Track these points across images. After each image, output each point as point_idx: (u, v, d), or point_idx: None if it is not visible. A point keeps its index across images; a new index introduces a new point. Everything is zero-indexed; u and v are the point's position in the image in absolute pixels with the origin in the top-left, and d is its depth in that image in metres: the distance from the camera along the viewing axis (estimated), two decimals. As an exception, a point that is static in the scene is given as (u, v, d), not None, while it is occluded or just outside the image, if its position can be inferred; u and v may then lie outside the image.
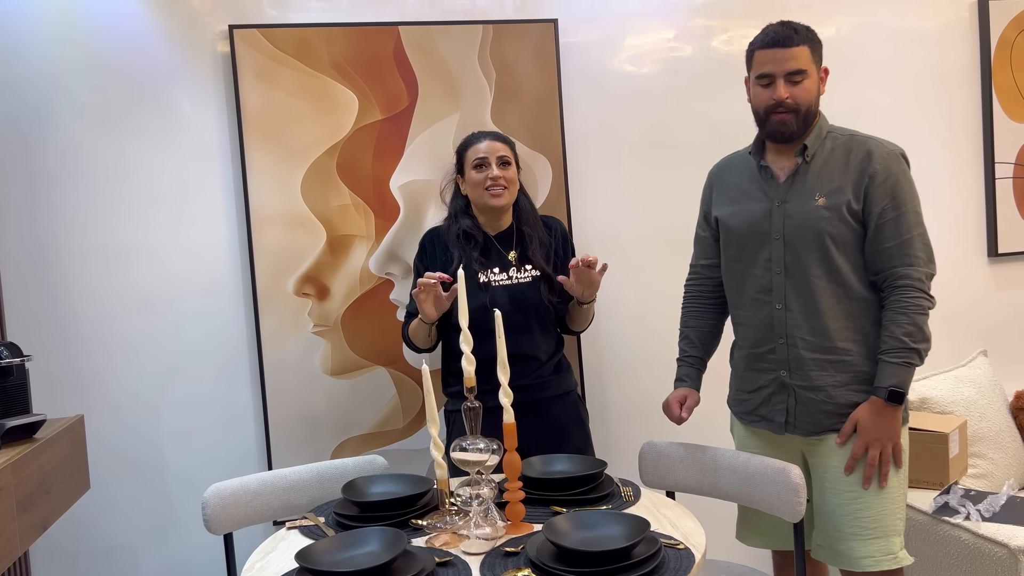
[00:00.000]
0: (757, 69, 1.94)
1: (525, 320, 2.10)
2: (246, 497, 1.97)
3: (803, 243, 1.89)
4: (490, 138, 2.13)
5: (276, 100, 2.34)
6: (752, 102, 1.97)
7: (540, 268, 2.13)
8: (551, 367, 2.16)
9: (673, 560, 1.46)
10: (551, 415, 2.14)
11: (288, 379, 2.38)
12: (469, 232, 2.12)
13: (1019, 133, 2.85)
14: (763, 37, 1.95)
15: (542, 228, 2.20)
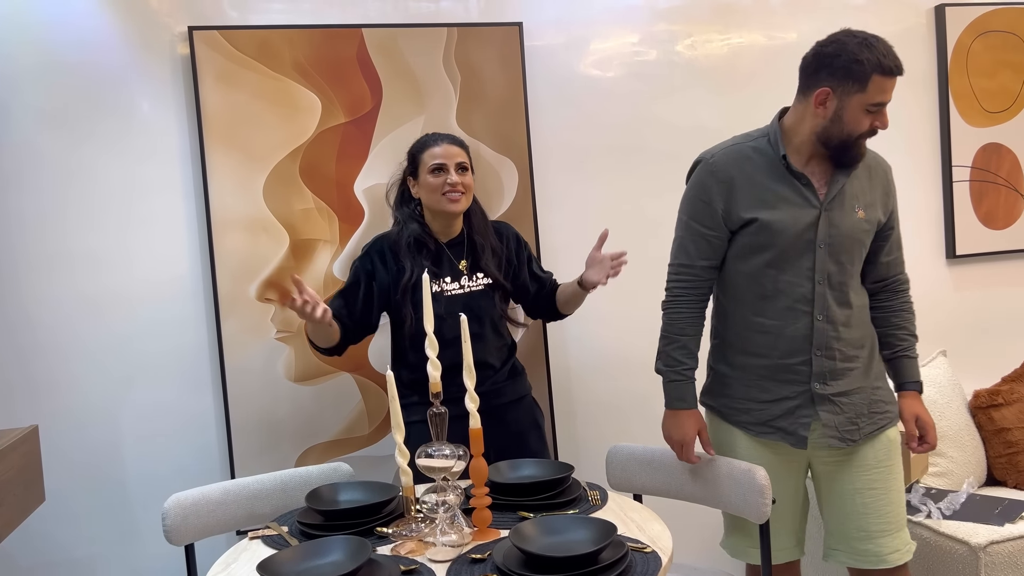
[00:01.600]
0: (873, 96, 1.81)
1: (479, 328, 2.07)
2: (208, 507, 1.93)
3: (846, 254, 1.91)
4: (447, 141, 2.09)
5: (237, 103, 2.31)
6: (845, 125, 1.84)
7: (492, 276, 2.11)
8: (505, 373, 2.14)
9: (640, 564, 1.46)
10: (507, 420, 2.12)
11: (251, 386, 2.34)
12: (421, 240, 2.07)
13: (975, 137, 2.91)
14: (886, 62, 1.80)
15: (494, 235, 2.17)
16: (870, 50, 1.80)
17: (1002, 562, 1.95)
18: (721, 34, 2.72)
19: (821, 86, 1.85)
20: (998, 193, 2.94)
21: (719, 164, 1.93)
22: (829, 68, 1.84)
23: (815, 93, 1.86)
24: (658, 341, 2.00)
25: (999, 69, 2.91)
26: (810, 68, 1.89)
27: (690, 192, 1.97)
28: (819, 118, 1.87)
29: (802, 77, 1.93)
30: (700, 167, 1.97)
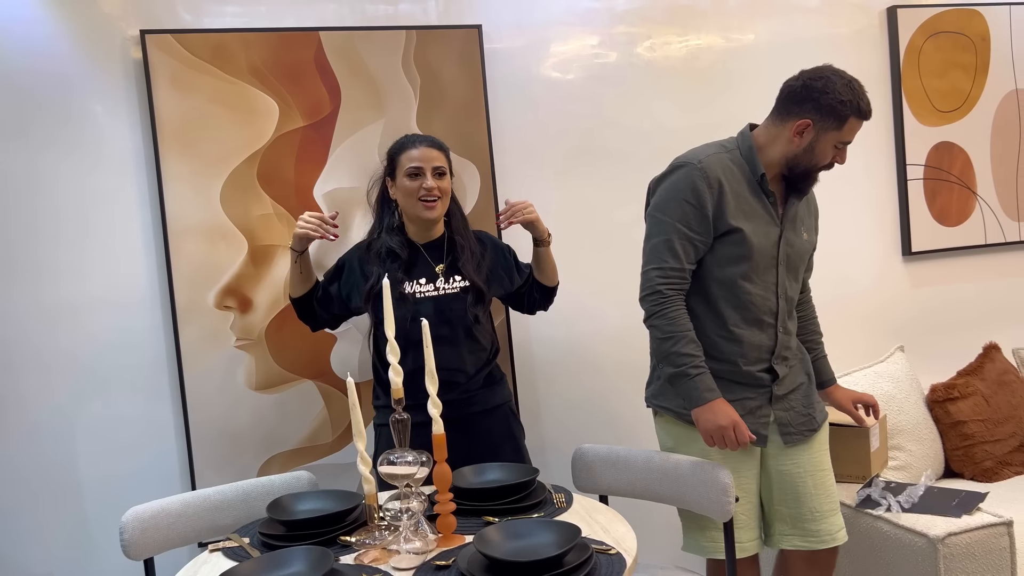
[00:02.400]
0: (846, 135, 1.95)
1: (451, 332, 2.05)
2: (167, 520, 1.89)
3: (795, 272, 2.06)
4: (426, 144, 2.06)
5: (192, 107, 2.27)
6: (815, 156, 1.95)
7: (470, 279, 2.07)
8: (479, 381, 2.10)
9: (605, 566, 1.46)
10: (479, 430, 2.08)
11: (211, 395, 2.31)
12: (392, 249, 2.05)
13: (928, 136, 2.96)
14: (863, 106, 1.94)
15: (473, 239, 2.15)
16: (853, 93, 1.92)
17: (960, 553, 1.99)
18: (679, 36, 2.74)
19: (804, 117, 1.94)
20: (951, 191, 3.00)
21: (709, 168, 1.94)
22: (815, 103, 1.92)
23: (796, 123, 1.94)
24: (655, 352, 1.99)
25: (950, 69, 2.97)
26: (797, 97, 1.95)
27: (678, 195, 1.94)
28: (793, 145, 1.96)
29: (785, 103, 1.98)
30: (686, 170, 1.95)
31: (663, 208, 1.96)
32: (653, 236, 1.97)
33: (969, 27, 2.98)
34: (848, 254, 2.92)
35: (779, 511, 2.04)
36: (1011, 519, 2.04)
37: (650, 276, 1.95)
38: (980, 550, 2.00)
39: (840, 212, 2.88)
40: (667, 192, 1.96)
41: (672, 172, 1.98)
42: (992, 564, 2.01)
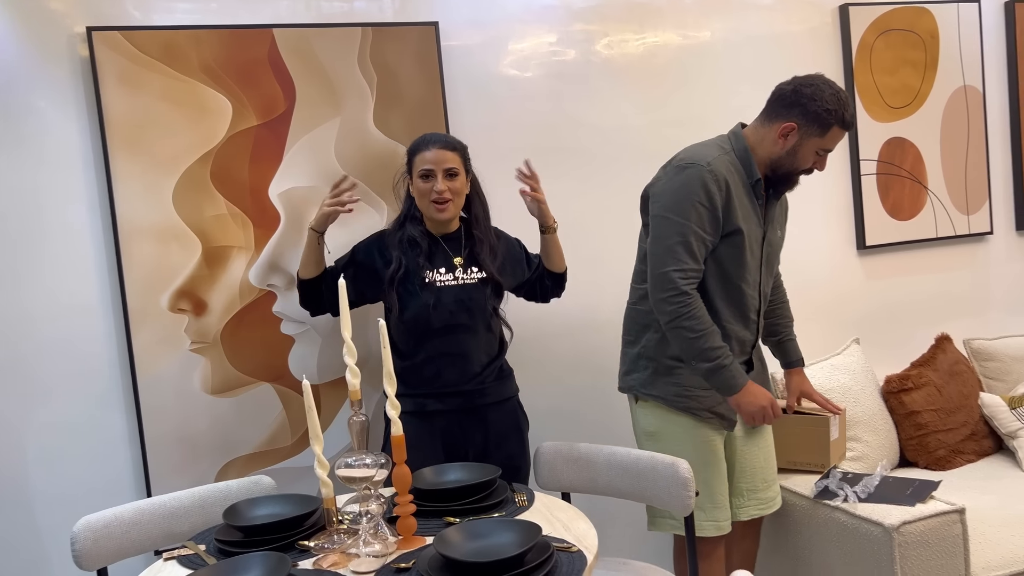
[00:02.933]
0: (828, 143, 2.05)
1: (470, 320, 2.10)
2: (121, 528, 1.85)
3: (772, 268, 2.21)
4: (439, 146, 2.10)
5: (142, 106, 2.22)
6: (797, 160, 2.06)
7: (487, 270, 2.13)
8: (492, 372, 2.16)
9: (565, 564, 1.46)
10: (489, 420, 2.15)
11: (165, 400, 2.26)
12: (414, 238, 2.11)
13: (881, 132, 3.01)
14: (847, 117, 2.03)
15: (493, 234, 2.21)
16: (839, 103, 2.02)
17: (914, 541, 2.02)
18: (636, 34, 2.74)
19: (790, 121, 2.04)
20: (903, 185, 3.05)
21: (717, 170, 2.00)
22: (802, 108, 2.02)
23: (782, 125, 2.04)
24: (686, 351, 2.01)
25: (900, 66, 3.02)
26: (786, 100, 2.05)
27: (690, 196, 1.98)
28: (777, 147, 2.06)
29: (774, 105, 2.08)
30: (696, 171, 1.99)
31: (676, 209, 2.00)
32: (667, 237, 2.00)
33: (918, 24, 3.04)
34: (804, 248, 2.95)
35: (739, 487, 2.20)
36: (963, 507, 2.08)
37: (671, 277, 1.98)
38: (933, 537, 2.04)
39: (796, 207, 2.89)
40: (678, 193, 2.00)
41: (680, 172, 2.02)
42: (945, 551, 2.05)
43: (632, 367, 2.19)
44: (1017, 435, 2.65)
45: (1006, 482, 2.50)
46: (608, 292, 2.65)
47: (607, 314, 2.66)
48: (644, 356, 2.15)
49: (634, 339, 2.20)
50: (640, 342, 2.17)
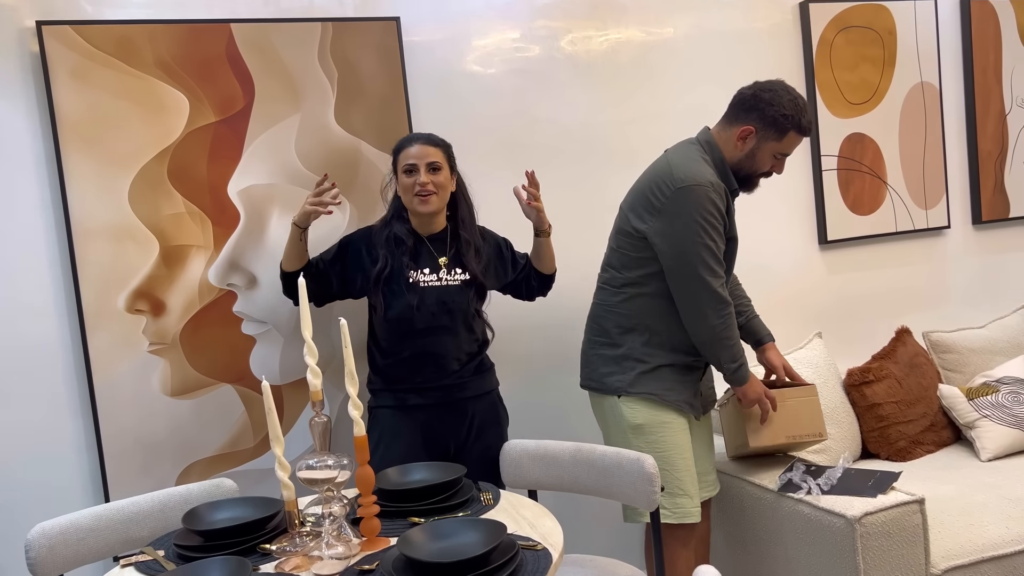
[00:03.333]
0: (785, 147, 2.15)
1: (451, 322, 2.13)
2: (77, 535, 1.81)
3: (731, 265, 2.27)
4: (421, 142, 2.14)
5: (96, 102, 2.17)
6: (756, 163, 2.16)
7: (472, 273, 2.16)
8: (472, 368, 2.20)
9: (531, 562, 1.45)
10: (469, 413, 2.19)
11: (123, 403, 2.21)
12: (399, 237, 2.14)
13: (841, 127, 3.05)
14: (804, 122, 2.13)
15: (478, 234, 2.23)
16: (796, 109, 2.11)
17: (876, 532, 2.05)
18: (599, 30, 2.74)
19: (748, 124, 2.13)
20: (863, 181, 3.09)
21: (718, 185, 2.10)
22: (760, 112, 2.12)
23: (741, 128, 2.14)
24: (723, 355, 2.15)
25: (860, 63, 3.06)
26: (746, 104, 2.14)
27: (706, 216, 2.06)
28: (737, 150, 2.16)
29: (735, 109, 2.18)
30: (702, 190, 2.06)
31: (694, 228, 2.06)
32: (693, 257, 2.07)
33: (876, 21, 3.08)
34: (768, 244, 2.98)
35: (698, 465, 2.29)
36: (923, 497, 2.11)
37: (715, 291, 2.09)
38: (895, 528, 2.07)
39: (759, 203, 2.93)
40: (693, 213, 2.06)
41: (684, 193, 2.07)
42: (906, 540, 2.08)
43: (615, 368, 2.21)
44: (975, 425, 2.70)
45: (964, 472, 2.55)
46: (571, 287, 2.65)
47: (570, 310, 2.66)
48: (630, 357, 2.20)
49: (614, 341, 2.23)
50: (623, 344, 2.21)
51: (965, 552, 2.16)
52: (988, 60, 3.28)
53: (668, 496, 2.16)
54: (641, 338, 2.19)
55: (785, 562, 2.28)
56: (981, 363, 2.96)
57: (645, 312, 2.19)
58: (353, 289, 2.21)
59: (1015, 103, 3.35)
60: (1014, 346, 3.03)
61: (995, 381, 2.80)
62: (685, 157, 2.15)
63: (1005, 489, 2.38)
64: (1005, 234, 3.41)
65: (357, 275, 2.17)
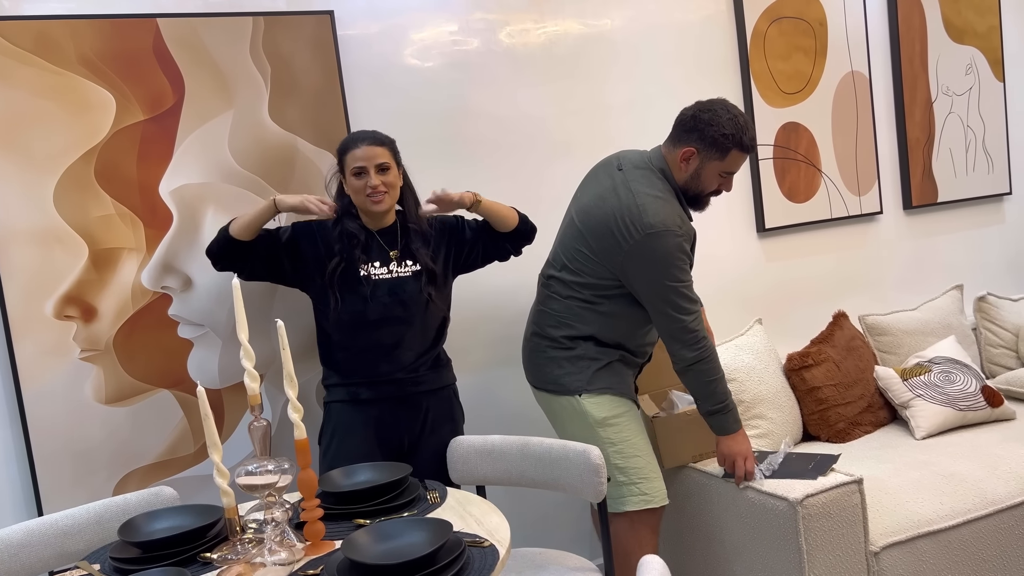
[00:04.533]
0: (729, 166, 2.17)
1: (404, 313, 2.12)
2: (8, 551, 1.75)
3: None
4: (367, 142, 2.11)
5: (15, 101, 2.08)
6: (702, 183, 2.19)
7: (423, 263, 2.16)
8: (428, 362, 2.18)
9: (478, 559, 1.45)
10: (423, 408, 2.17)
11: (55, 412, 2.13)
12: (352, 233, 2.13)
13: (776, 117, 3.10)
14: (748, 142, 2.15)
15: (426, 223, 2.22)
16: (736, 127, 2.13)
17: (817, 513, 2.10)
18: (537, 23, 2.74)
19: (690, 145, 2.16)
20: (798, 169, 3.16)
21: (689, 230, 2.17)
22: (700, 133, 2.14)
23: (683, 149, 2.16)
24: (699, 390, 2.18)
25: (792, 52, 3.12)
26: (686, 126, 2.17)
27: (672, 263, 2.11)
28: (683, 172, 2.19)
29: (677, 130, 2.21)
30: (670, 238, 2.10)
31: (670, 276, 2.12)
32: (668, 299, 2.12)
33: (808, 12, 3.14)
34: (707, 233, 3.01)
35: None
36: (861, 477, 2.17)
37: (692, 329, 2.13)
38: (835, 508, 2.12)
39: (698, 193, 2.97)
40: (664, 260, 2.11)
41: (656, 239, 2.09)
42: (846, 520, 2.14)
43: (570, 368, 2.22)
44: (909, 405, 2.78)
45: (901, 450, 2.62)
46: (510, 284, 2.65)
47: (510, 306, 2.66)
48: (584, 357, 2.22)
49: (564, 345, 2.24)
50: (576, 348, 2.23)
51: (902, 529, 2.22)
52: (914, 49, 3.38)
53: (645, 481, 2.19)
54: (592, 342, 2.23)
55: (731, 546, 2.32)
56: (914, 344, 3.05)
57: (596, 325, 2.22)
58: (296, 276, 2.17)
59: (940, 91, 3.45)
60: (944, 327, 3.13)
61: (927, 361, 2.89)
62: (652, 196, 2.14)
63: (939, 466, 2.46)
64: (934, 218, 3.52)
65: (311, 270, 2.14)
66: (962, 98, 3.51)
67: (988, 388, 2.80)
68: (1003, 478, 2.38)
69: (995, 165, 3.60)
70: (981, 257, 3.65)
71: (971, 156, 3.54)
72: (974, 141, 3.54)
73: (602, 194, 2.20)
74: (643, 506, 2.19)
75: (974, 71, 3.53)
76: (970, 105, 3.52)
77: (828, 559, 2.11)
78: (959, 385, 2.79)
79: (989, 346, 3.25)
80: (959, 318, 3.21)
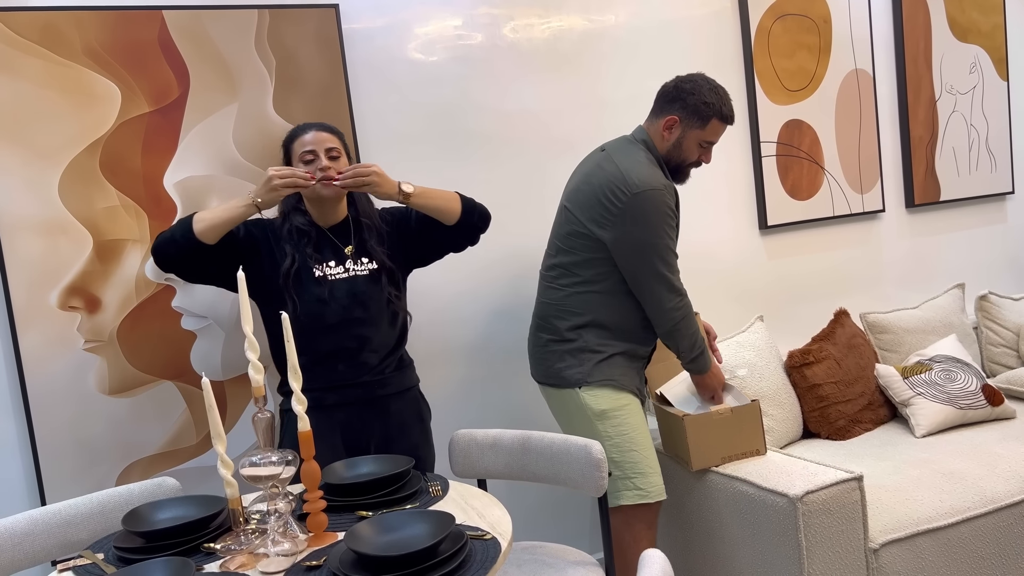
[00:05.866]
0: (709, 136, 2.22)
1: (365, 313, 2.04)
2: (12, 540, 1.75)
3: None
4: (316, 129, 2.06)
5: (21, 93, 2.09)
6: (683, 152, 2.23)
7: (379, 260, 2.08)
8: (392, 363, 2.12)
9: (480, 552, 1.45)
10: (391, 412, 2.11)
11: (58, 403, 2.14)
12: (302, 229, 2.04)
13: (779, 114, 3.10)
14: (726, 110, 2.20)
15: (379, 219, 2.14)
16: (717, 97, 2.19)
17: (816, 509, 2.10)
18: (541, 18, 2.74)
19: (673, 114, 2.21)
20: (801, 166, 3.16)
21: (671, 187, 2.18)
22: (683, 102, 2.20)
23: (666, 118, 2.21)
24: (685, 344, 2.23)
25: (796, 50, 3.12)
26: (669, 96, 2.22)
27: (662, 220, 2.14)
28: (665, 142, 2.23)
29: (659, 101, 2.26)
30: (657, 194, 2.13)
31: (655, 231, 2.14)
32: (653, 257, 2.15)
33: (812, 9, 3.14)
34: (710, 230, 3.03)
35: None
36: (861, 474, 2.17)
37: (676, 287, 2.19)
38: (834, 505, 2.13)
39: (703, 190, 2.98)
40: (652, 217, 2.13)
41: (640, 198, 2.12)
42: (845, 516, 2.14)
43: (572, 361, 2.23)
44: (910, 403, 2.79)
45: (900, 448, 2.63)
46: (512, 277, 2.66)
47: (512, 299, 2.67)
48: (585, 349, 2.23)
49: (566, 337, 2.25)
50: (577, 339, 2.23)
51: (902, 526, 2.23)
52: (918, 47, 3.38)
53: (641, 476, 2.20)
54: (594, 332, 2.23)
55: (730, 542, 2.33)
56: (915, 342, 3.05)
57: (597, 308, 2.23)
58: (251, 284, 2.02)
59: (944, 89, 3.45)
60: (946, 325, 3.14)
61: (928, 360, 2.90)
62: (634, 161, 2.18)
63: (938, 464, 2.46)
64: (936, 217, 3.52)
65: (265, 272, 2.03)
66: (966, 97, 3.51)
67: (988, 387, 2.80)
68: (1003, 476, 2.39)
69: (998, 164, 3.60)
70: (983, 256, 3.65)
71: (974, 155, 3.54)
72: (977, 140, 3.54)
73: (588, 173, 2.25)
74: (638, 501, 2.20)
75: (978, 70, 3.53)
76: (974, 104, 3.52)
77: (827, 555, 2.12)
78: (960, 384, 2.79)
79: (990, 345, 3.26)
80: (960, 317, 3.22)
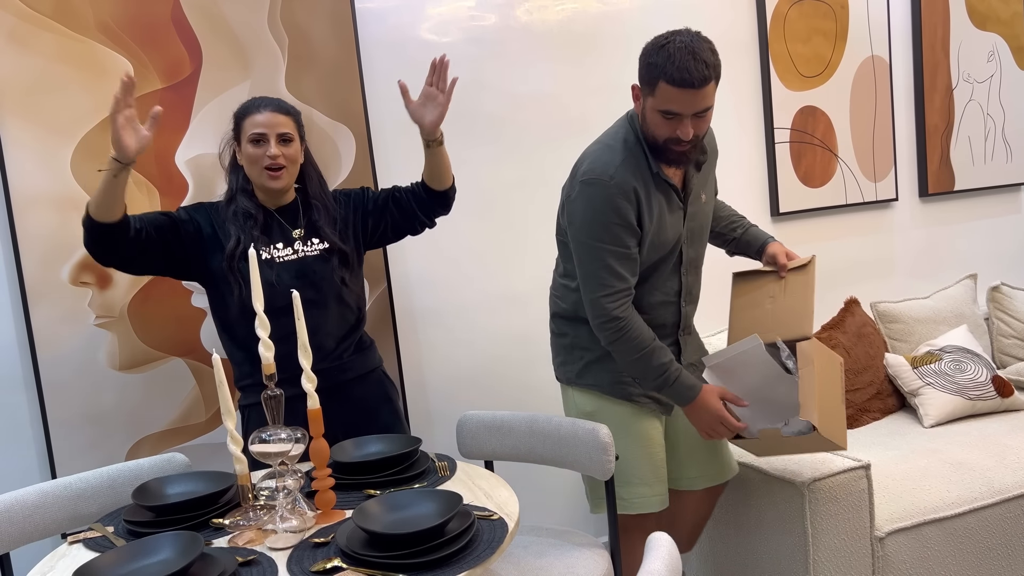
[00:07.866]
0: (661, 103, 1.79)
1: (318, 296, 1.95)
2: (23, 512, 1.77)
3: (700, 240, 2.07)
4: (271, 108, 1.92)
5: (34, 67, 2.08)
6: (650, 127, 1.86)
7: (330, 241, 1.98)
8: (350, 347, 2.04)
9: (487, 532, 1.46)
10: (355, 397, 2.03)
11: (69, 378, 2.16)
12: (248, 212, 1.93)
13: (794, 100, 3.08)
14: (674, 72, 1.74)
15: (331, 200, 2.04)
16: (666, 57, 1.75)
17: (823, 497, 2.10)
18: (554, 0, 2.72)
19: (636, 82, 1.88)
20: (814, 153, 3.13)
21: (623, 183, 1.85)
22: (640, 66, 1.83)
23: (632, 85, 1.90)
24: (628, 369, 1.96)
25: (812, 35, 3.08)
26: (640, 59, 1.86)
27: (601, 217, 1.84)
28: (638, 115, 1.91)
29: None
30: (600, 190, 1.84)
31: (590, 232, 1.87)
32: (587, 263, 1.89)
33: (830, -5, 3.11)
34: (721, 216, 3.01)
35: (689, 462, 2.17)
36: (869, 462, 2.17)
37: (600, 303, 1.89)
38: (841, 492, 2.13)
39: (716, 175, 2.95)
40: (587, 214, 1.87)
41: (586, 190, 1.87)
42: (852, 504, 2.14)
43: (566, 357, 2.12)
44: (918, 393, 2.78)
45: (908, 438, 2.62)
46: (522, 260, 2.65)
47: (522, 283, 2.67)
48: (577, 347, 2.08)
49: (562, 330, 2.13)
50: (570, 333, 2.10)
51: (908, 515, 2.23)
52: (936, 35, 3.34)
53: (625, 486, 2.03)
54: (585, 328, 2.04)
55: (737, 528, 2.33)
56: (925, 332, 3.04)
57: (570, 302, 2.07)
58: (185, 270, 1.96)
59: (961, 78, 3.42)
60: (956, 316, 3.12)
61: (938, 350, 2.89)
62: (599, 143, 1.94)
63: (946, 454, 2.46)
64: (950, 207, 3.50)
65: (203, 256, 1.93)
66: (983, 85, 3.47)
67: (999, 378, 2.79)
68: (1011, 468, 2.38)
69: (1014, 154, 3.57)
70: (996, 247, 3.62)
71: (990, 144, 3.51)
72: (993, 129, 3.51)
73: None
74: (622, 510, 2.05)
75: (996, 58, 3.49)
76: (991, 93, 3.49)
77: (833, 543, 2.12)
78: (969, 374, 2.78)
79: (1001, 336, 3.24)
80: (972, 307, 3.20)
